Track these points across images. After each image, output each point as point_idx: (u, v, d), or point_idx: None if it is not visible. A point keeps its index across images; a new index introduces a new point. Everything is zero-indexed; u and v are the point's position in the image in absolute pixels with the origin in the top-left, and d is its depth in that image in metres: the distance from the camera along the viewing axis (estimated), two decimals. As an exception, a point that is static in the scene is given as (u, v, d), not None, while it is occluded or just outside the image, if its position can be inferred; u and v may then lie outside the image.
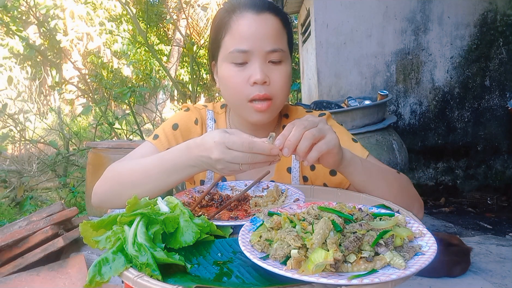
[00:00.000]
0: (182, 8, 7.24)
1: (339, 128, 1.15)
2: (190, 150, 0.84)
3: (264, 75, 0.98)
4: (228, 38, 1.01)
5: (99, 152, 2.84)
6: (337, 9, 4.00)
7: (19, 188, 4.46)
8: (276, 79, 1.01)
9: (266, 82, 0.99)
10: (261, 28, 0.99)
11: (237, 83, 1.00)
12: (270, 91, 1.00)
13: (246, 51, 0.98)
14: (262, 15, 0.99)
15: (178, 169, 0.88)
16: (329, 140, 0.79)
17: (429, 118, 4.14)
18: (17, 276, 1.99)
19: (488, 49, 3.99)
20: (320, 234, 0.59)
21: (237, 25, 1.00)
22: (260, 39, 0.98)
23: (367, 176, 0.92)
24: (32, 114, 5.36)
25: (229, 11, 1.02)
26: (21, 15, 5.27)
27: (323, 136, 0.78)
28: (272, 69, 1.01)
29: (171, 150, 0.91)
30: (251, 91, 0.99)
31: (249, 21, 0.99)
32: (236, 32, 0.99)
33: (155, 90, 8.54)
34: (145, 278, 0.57)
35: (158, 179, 0.91)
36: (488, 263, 2.50)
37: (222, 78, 1.06)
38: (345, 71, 4.08)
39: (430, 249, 0.61)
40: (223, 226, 0.77)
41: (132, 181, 0.94)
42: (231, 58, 1.00)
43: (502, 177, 4.12)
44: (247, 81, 0.99)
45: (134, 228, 0.65)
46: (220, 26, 1.03)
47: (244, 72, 1.00)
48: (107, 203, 0.98)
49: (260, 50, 0.98)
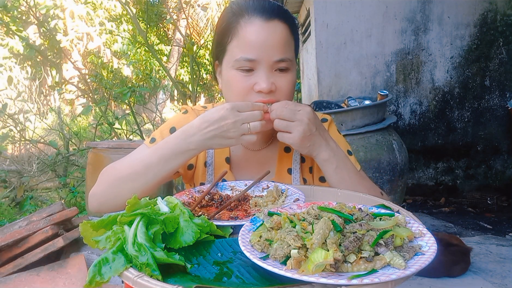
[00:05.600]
0: (182, 8, 7.24)
1: (338, 137, 1.16)
2: (190, 134, 0.91)
3: (270, 85, 0.97)
4: (235, 44, 0.99)
5: (99, 152, 2.84)
6: (337, 9, 4.00)
7: (19, 188, 4.46)
8: (282, 87, 1.00)
9: (272, 91, 0.98)
10: (270, 37, 0.96)
11: (241, 88, 0.99)
12: (274, 99, 0.99)
13: (253, 60, 0.97)
14: (271, 22, 0.97)
15: (177, 155, 0.93)
16: (288, 137, 0.94)
17: (429, 118, 4.14)
18: (17, 276, 1.99)
19: (488, 49, 3.99)
20: (320, 234, 0.59)
21: (244, 31, 0.97)
22: (268, 48, 0.96)
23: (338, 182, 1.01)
24: (32, 114, 5.37)
25: (237, 14, 0.99)
26: (21, 15, 5.27)
27: (287, 130, 0.93)
28: (278, 76, 0.99)
29: (167, 138, 0.95)
30: (255, 98, 0.98)
31: (258, 28, 0.96)
32: (244, 40, 0.97)
33: (155, 90, 8.54)
34: (145, 278, 0.56)
35: (157, 167, 0.93)
36: (488, 263, 2.50)
37: (226, 82, 1.04)
38: (345, 71, 4.08)
39: (430, 249, 0.61)
40: (223, 226, 0.77)
41: (131, 174, 0.94)
42: (237, 65, 0.98)
43: (502, 177, 4.12)
44: (252, 88, 0.98)
45: (134, 228, 0.65)
46: (227, 30, 1.01)
47: (250, 79, 0.98)
48: (106, 205, 0.97)
49: (267, 59, 0.97)
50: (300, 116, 0.93)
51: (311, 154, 0.99)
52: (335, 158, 1.00)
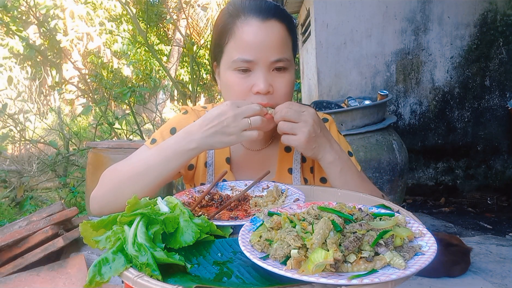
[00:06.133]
0: (182, 8, 7.24)
1: (339, 138, 1.15)
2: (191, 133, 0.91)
3: (267, 86, 0.97)
4: (232, 45, 0.99)
5: (99, 152, 2.84)
6: (337, 9, 4.01)
7: (19, 188, 4.46)
8: (280, 87, 0.99)
9: (269, 91, 0.98)
10: (267, 37, 0.96)
11: (239, 90, 0.99)
12: (273, 100, 0.98)
13: (250, 60, 0.96)
14: (267, 23, 0.97)
15: (178, 155, 0.92)
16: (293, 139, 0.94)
17: (429, 118, 4.14)
18: (17, 276, 1.99)
19: (488, 49, 3.99)
20: (320, 234, 0.59)
21: (241, 32, 0.97)
22: (265, 48, 0.96)
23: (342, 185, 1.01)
24: (32, 114, 5.37)
25: (233, 15, 0.99)
26: (21, 15, 5.27)
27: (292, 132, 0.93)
28: (276, 77, 0.99)
29: (169, 139, 0.95)
30: (253, 99, 0.98)
31: (254, 29, 0.96)
32: (240, 40, 0.97)
33: (155, 90, 8.54)
34: (145, 278, 0.56)
35: (158, 168, 0.93)
36: (488, 263, 2.50)
37: (224, 84, 1.04)
38: (345, 71, 4.08)
39: (430, 249, 0.61)
40: (223, 226, 0.77)
41: (133, 176, 0.93)
42: (234, 66, 0.98)
43: (502, 177, 4.12)
44: (250, 90, 0.98)
45: (134, 228, 0.65)
46: (224, 31, 1.00)
47: (248, 80, 0.98)
48: (107, 207, 0.94)
49: (265, 60, 0.97)
50: (305, 117, 0.92)
51: (316, 156, 0.98)
52: (339, 160, 0.99)
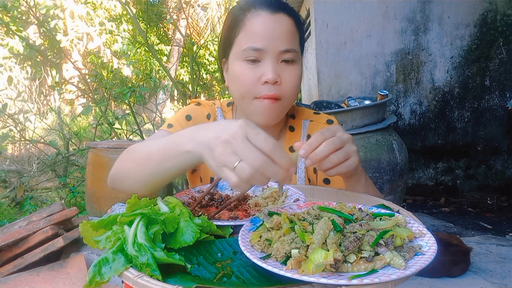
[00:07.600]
0: (182, 8, 7.24)
1: None
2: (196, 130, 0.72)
3: (276, 75, 0.97)
4: (242, 36, 1.01)
5: (99, 152, 2.84)
6: (337, 9, 4.01)
7: (19, 188, 4.46)
8: (287, 79, 1.00)
9: (277, 82, 0.99)
10: (276, 27, 0.98)
11: (247, 80, 0.99)
12: (280, 91, 0.99)
13: (259, 49, 0.98)
14: (276, 15, 0.99)
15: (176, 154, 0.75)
16: (350, 164, 0.81)
17: (429, 118, 4.15)
18: (17, 276, 1.99)
19: (488, 49, 3.99)
20: (320, 234, 0.59)
21: (251, 23, 0.99)
22: (274, 38, 0.98)
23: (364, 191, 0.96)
24: (32, 114, 5.37)
25: (244, 9, 1.02)
26: (21, 15, 5.27)
27: (347, 157, 0.80)
28: (284, 68, 1.00)
29: (179, 132, 0.79)
30: (261, 90, 0.99)
31: (264, 19, 0.99)
32: (251, 30, 0.99)
33: (155, 90, 8.53)
34: (145, 278, 0.56)
35: (157, 163, 0.80)
36: (488, 263, 2.50)
37: (232, 75, 1.04)
38: (345, 71, 4.09)
39: (430, 249, 0.61)
40: (223, 226, 0.77)
41: (138, 161, 0.86)
42: (244, 55, 0.99)
43: (502, 177, 4.12)
44: (258, 80, 0.99)
45: (134, 228, 0.65)
46: (234, 24, 1.03)
47: (256, 70, 0.99)
48: (116, 182, 0.91)
49: (273, 49, 0.98)
50: (344, 135, 0.82)
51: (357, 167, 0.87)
52: (362, 172, 0.97)
